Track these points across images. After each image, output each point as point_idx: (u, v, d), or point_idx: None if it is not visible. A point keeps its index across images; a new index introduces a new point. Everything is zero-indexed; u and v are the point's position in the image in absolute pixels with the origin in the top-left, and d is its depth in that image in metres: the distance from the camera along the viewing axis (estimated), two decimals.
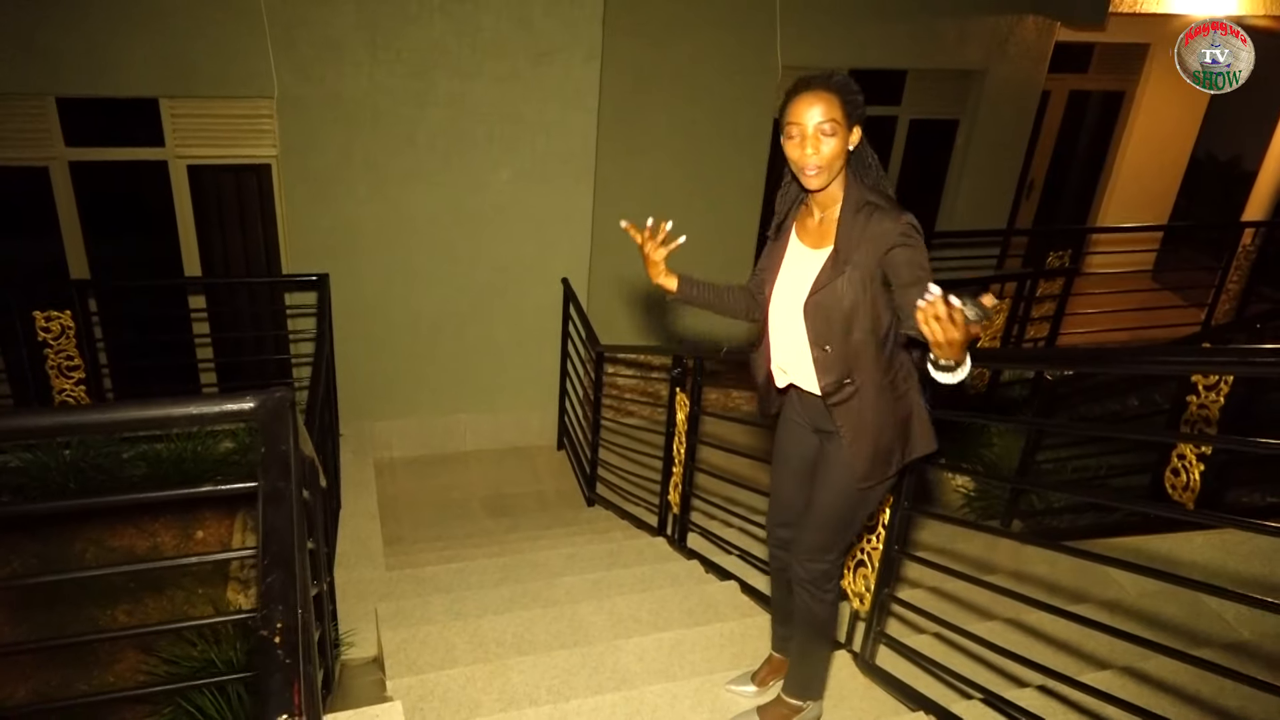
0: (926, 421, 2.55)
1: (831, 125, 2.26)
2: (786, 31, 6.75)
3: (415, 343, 6.44)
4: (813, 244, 2.46)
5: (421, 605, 3.96)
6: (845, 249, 2.34)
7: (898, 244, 2.25)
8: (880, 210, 2.29)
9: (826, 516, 2.60)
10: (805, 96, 2.28)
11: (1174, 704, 2.92)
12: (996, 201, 8.16)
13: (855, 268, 2.32)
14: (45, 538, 4.38)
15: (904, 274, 2.26)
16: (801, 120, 2.28)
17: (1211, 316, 7.87)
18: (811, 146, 2.28)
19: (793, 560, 2.71)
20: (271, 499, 1.63)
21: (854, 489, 2.54)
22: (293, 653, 1.35)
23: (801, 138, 2.28)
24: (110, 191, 5.79)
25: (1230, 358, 3.07)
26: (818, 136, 2.27)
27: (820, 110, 2.25)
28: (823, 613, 2.72)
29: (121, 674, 3.70)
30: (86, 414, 1.81)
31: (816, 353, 2.44)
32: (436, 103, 5.79)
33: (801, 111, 2.27)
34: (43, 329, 5.19)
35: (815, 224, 2.46)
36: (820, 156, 2.28)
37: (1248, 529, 3.81)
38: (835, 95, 2.27)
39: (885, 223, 2.27)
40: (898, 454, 2.53)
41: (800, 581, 2.69)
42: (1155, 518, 4.21)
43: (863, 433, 2.46)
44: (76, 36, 5.13)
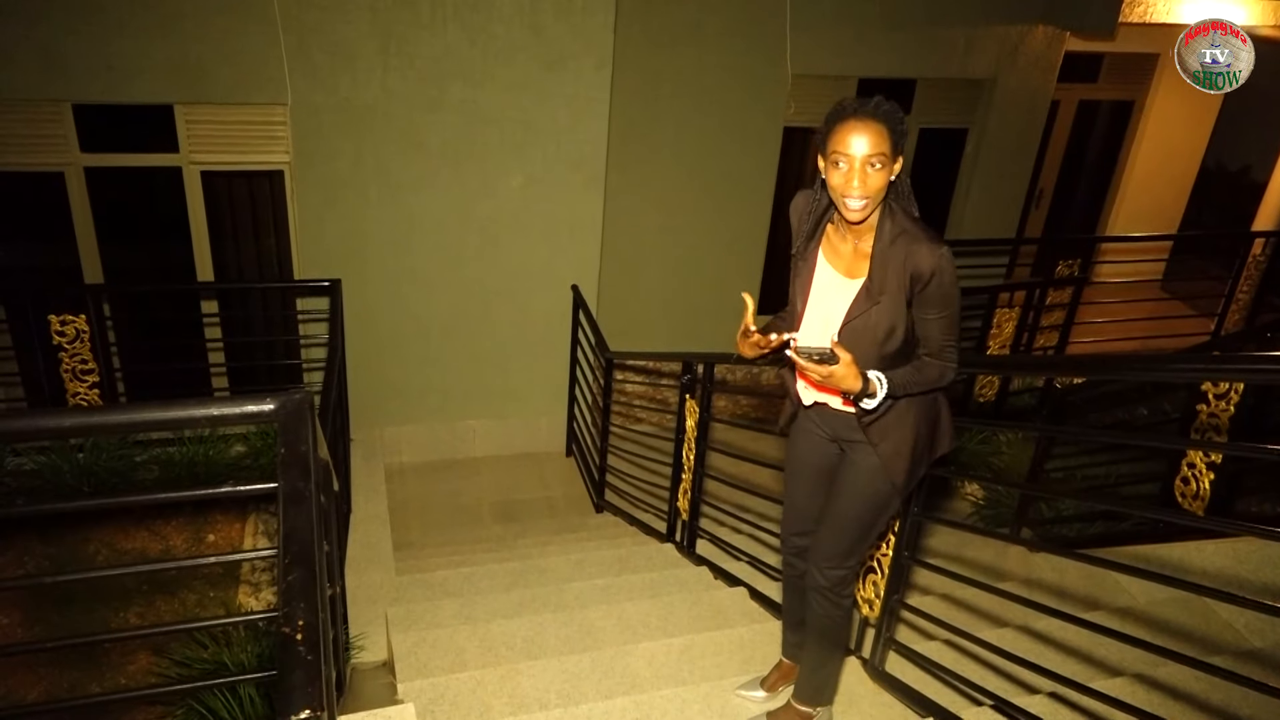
0: (949, 419, 2.58)
1: (881, 159, 2.19)
2: (797, 40, 6.77)
3: (426, 348, 6.47)
4: (845, 270, 2.41)
5: (431, 609, 3.97)
6: (880, 280, 2.31)
7: (929, 278, 2.24)
8: (916, 241, 2.25)
9: (849, 523, 2.61)
10: (854, 125, 2.19)
11: (1185, 711, 2.92)
12: (1006, 210, 8.16)
13: (889, 296, 2.31)
14: (58, 540, 4.41)
15: (929, 310, 2.30)
16: (850, 151, 2.19)
17: (1221, 326, 7.85)
18: (859, 179, 2.20)
19: (811, 567, 2.72)
20: (292, 499, 1.65)
21: (883, 497, 2.55)
22: (314, 649, 1.36)
23: (849, 169, 2.20)
24: (125, 197, 5.83)
25: (1242, 365, 3.07)
26: (865, 170, 2.19)
27: (870, 142, 2.18)
28: (839, 618, 2.73)
29: (133, 675, 3.72)
30: (108, 414, 1.83)
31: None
32: (448, 109, 5.83)
33: (849, 141, 2.19)
34: (58, 333, 5.23)
35: (849, 250, 2.40)
36: (867, 189, 2.21)
37: (1262, 536, 3.81)
38: (884, 126, 2.19)
39: (920, 255, 2.24)
40: (927, 455, 2.56)
41: (818, 588, 2.70)
42: (1165, 527, 4.20)
43: (901, 446, 2.48)
44: (92, 43, 5.18)
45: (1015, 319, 6.68)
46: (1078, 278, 7.05)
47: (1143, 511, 4.50)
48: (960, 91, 7.53)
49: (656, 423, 7.08)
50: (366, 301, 6.11)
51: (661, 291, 7.42)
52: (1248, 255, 7.61)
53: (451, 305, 6.38)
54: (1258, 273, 7.69)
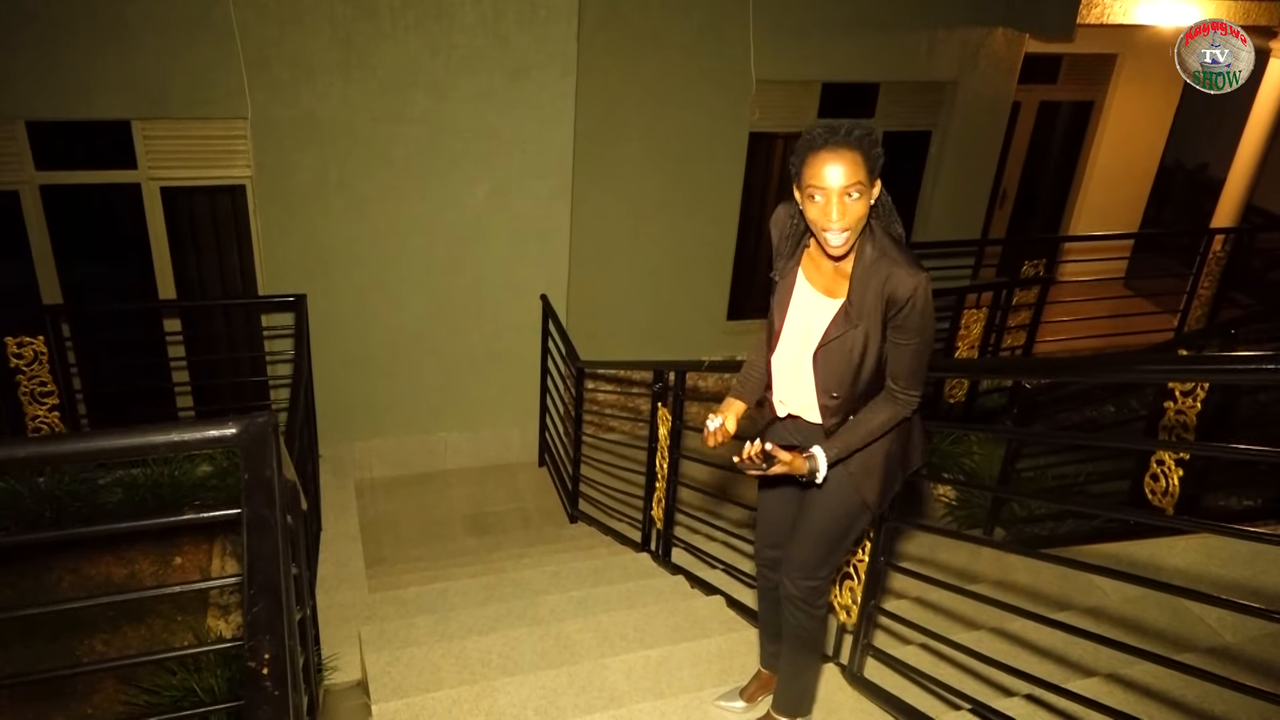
0: (921, 437, 2.58)
1: (858, 188, 2.13)
2: (760, 45, 6.79)
3: (394, 362, 6.41)
4: (824, 289, 2.37)
5: (405, 627, 3.92)
6: (859, 303, 2.28)
7: (905, 304, 2.22)
8: (896, 265, 2.22)
9: (820, 536, 2.60)
10: (826, 156, 2.12)
11: (1159, 709, 2.94)
12: (970, 212, 8.23)
13: (866, 318, 2.28)
14: (20, 569, 4.31)
15: (902, 336, 2.29)
16: (825, 184, 2.13)
17: (1184, 322, 7.96)
18: (837, 212, 2.14)
19: (783, 578, 2.71)
20: (256, 527, 1.61)
21: (854, 511, 2.56)
22: (281, 684, 1.33)
23: (826, 202, 2.14)
24: (83, 215, 5.72)
25: (1207, 365, 3.10)
26: (843, 201, 2.13)
27: (845, 172, 2.11)
28: (813, 628, 2.72)
29: (100, 705, 3.64)
30: (64, 444, 1.78)
31: (824, 399, 2.43)
32: (412, 120, 5.78)
33: (823, 175, 2.12)
34: (15, 355, 5.12)
35: (829, 268, 2.35)
36: (846, 220, 2.15)
37: (1227, 534, 3.85)
38: (858, 153, 2.12)
39: (899, 279, 2.21)
40: (900, 472, 2.57)
41: (791, 599, 2.69)
42: (1136, 523, 4.24)
43: (870, 465, 2.48)
44: (46, 59, 5.08)
45: (983, 320, 6.73)
46: (1043, 277, 7.11)
47: (1112, 512, 4.54)
48: (923, 94, 7.59)
49: (629, 431, 7.06)
50: (333, 316, 6.03)
51: (631, 299, 7.40)
52: (1208, 252, 7.73)
53: (419, 317, 6.33)
54: (1218, 269, 7.81)
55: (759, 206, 7.61)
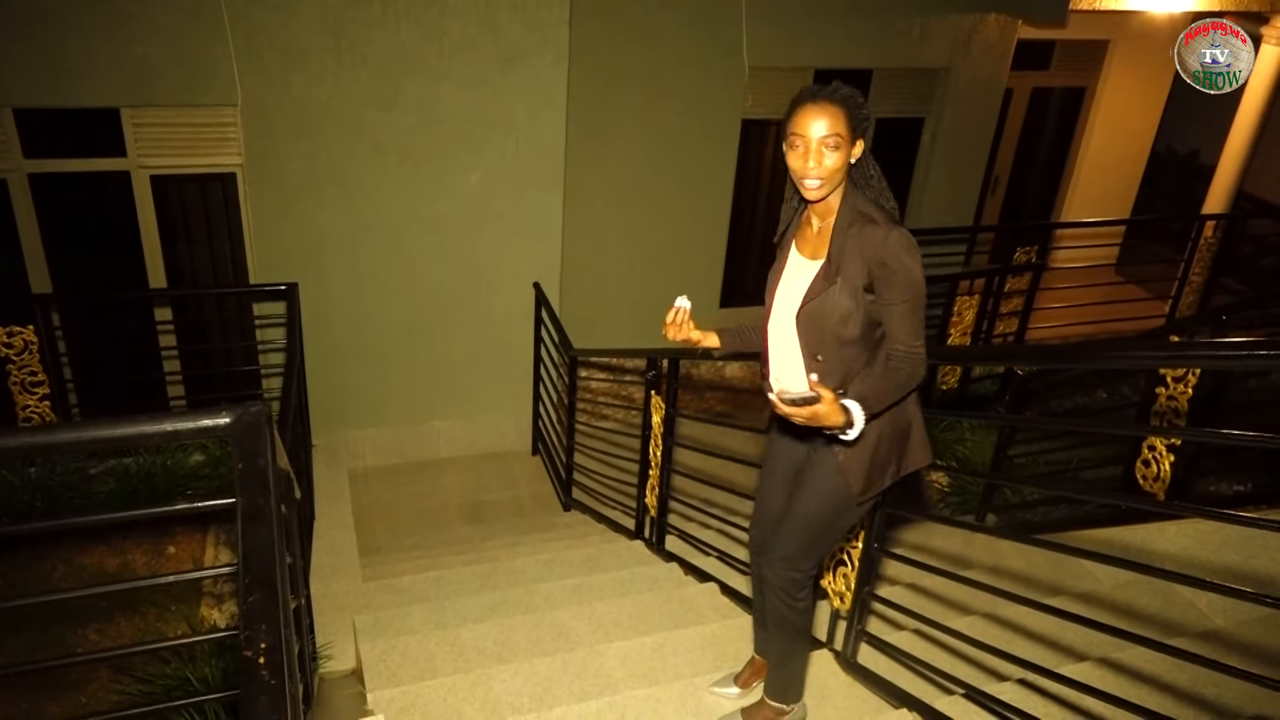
0: (924, 433, 2.56)
1: (835, 139, 2.26)
2: (753, 32, 6.77)
3: (387, 350, 6.39)
4: (810, 254, 2.46)
5: (400, 616, 3.93)
6: (836, 259, 2.35)
7: (885, 260, 2.26)
8: (872, 224, 2.29)
9: (805, 525, 2.60)
10: (810, 108, 2.27)
11: (1151, 693, 2.96)
12: (963, 198, 8.24)
13: (846, 279, 2.33)
14: (12, 558, 4.30)
15: (884, 293, 2.30)
16: (805, 132, 2.27)
17: (1176, 309, 7.99)
18: (814, 159, 2.27)
19: (766, 567, 2.71)
20: (251, 516, 1.61)
21: (839, 501, 2.53)
22: (278, 673, 1.33)
23: (805, 149, 2.28)
24: (72, 203, 5.68)
25: (1198, 352, 3.11)
26: (820, 150, 2.27)
27: (825, 124, 2.25)
28: (796, 619, 2.72)
29: (94, 694, 3.63)
30: (58, 433, 1.77)
31: (810, 362, 2.44)
32: (404, 108, 5.75)
33: (805, 123, 2.27)
34: (4, 344, 5.09)
35: (813, 234, 2.45)
36: (821, 169, 2.28)
37: (1218, 519, 3.87)
38: (841, 109, 2.26)
39: (874, 237, 2.28)
40: (893, 467, 2.53)
41: (772, 587, 2.69)
42: (1128, 509, 4.26)
43: (859, 453, 2.45)
44: (33, 46, 5.03)
45: (975, 306, 6.74)
46: (1036, 264, 7.13)
47: (1103, 497, 4.57)
48: (916, 81, 7.58)
49: (622, 419, 7.06)
50: (325, 304, 6.01)
51: (624, 287, 7.39)
52: (1199, 238, 7.76)
53: (412, 306, 6.31)
54: (1209, 255, 7.84)
55: (752, 193, 7.60)
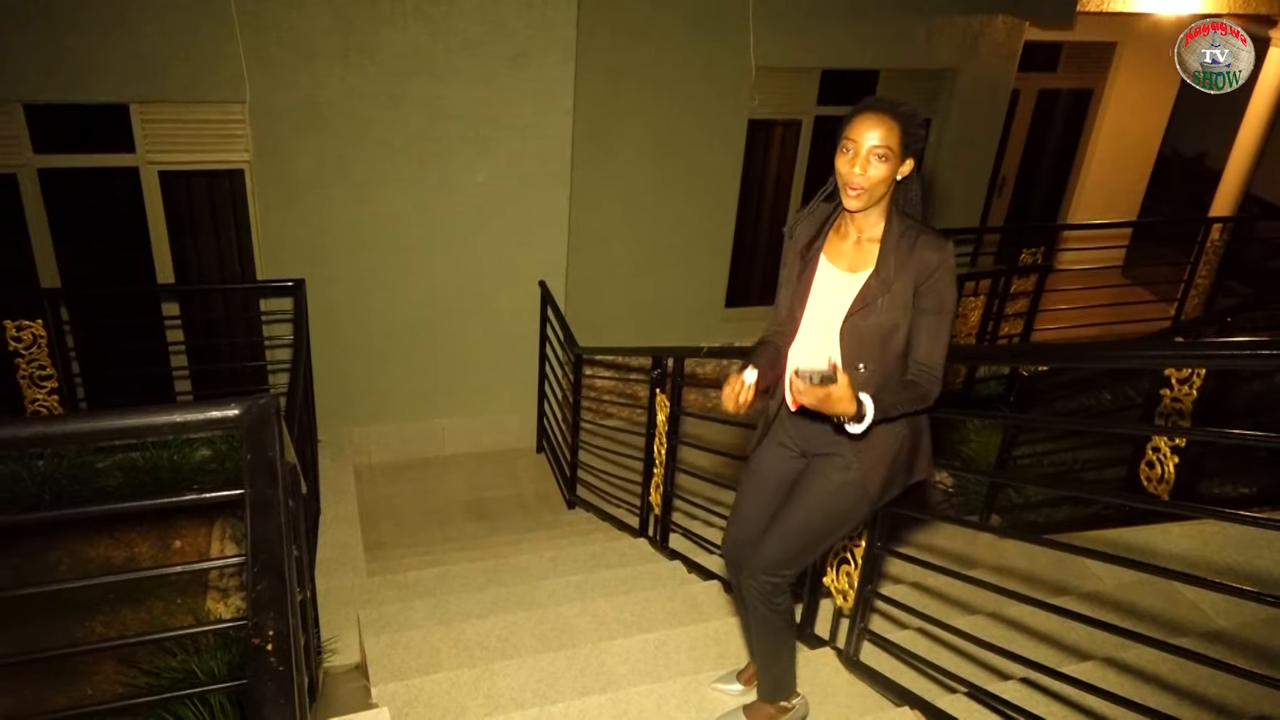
0: (929, 447, 2.58)
1: (886, 151, 2.26)
2: (760, 32, 6.77)
3: (393, 347, 6.41)
4: (848, 267, 2.44)
5: (404, 611, 3.94)
6: (886, 272, 2.35)
7: (933, 281, 2.30)
8: (925, 237, 2.31)
9: (803, 533, 2.59)
10: (868, 117, 2.28)
11: (1154, 693, 2.96)
12: (969, 200, 8.23)
13: (896, 292, 2.34)
14: (19, 550, 4.32)
15: (927, 303, 2.33)
16: (858, 138, 2.27)
17: (1182, 311, 7.98)
18: (860, 166, 2.27)
19: (746, 575, 2.70)
20: (259, 506, 1.62)
21: (848, 507, 2.55)
22: (286, 659, 1.34)
23: (855, 155, 2.28)
24: (81, 198, 5.71)
25: (1203, 351, 3.12)
26: (869, 158, 2.27)
27: (878, 134, 2.25)
28: (777, 621, 2.72)
29: (100, 685, 3.65)
30: (66, 424, 1.79)
31: (851, 373, 2.37)
32: (411, 105, 5.77)
33: (860, 130, 2.27)
34: (14, 338, 5.12)
35: (851, 246, 2.44)
36: (867, 178, 2.27)
37: (1222, 519, 3.86)
38: (897, 123, 2.27)
39: (929, 252, 2.30)
40: (903, 475, 2.55)
41: (751, 594, 2.69)
42: (1131, 510, 4.26)
43: (883, 458, 2.48)
44: (43, 42, 5.06)
45: (981, 307, 6.74)
46: (1041, 265, 7.12)
47: (1107, 497, 4.56)
48: (922, 82, 7.58)
49: (627, 418, 7.07)
50: (331, 301, 6.03)
51: (630, 285, 7.40)
52: (1206, 241, 7.74)
53: (418, 303, 6.33)
54: (1216, 257, 7.83)
55: (757, 193, 7.60)
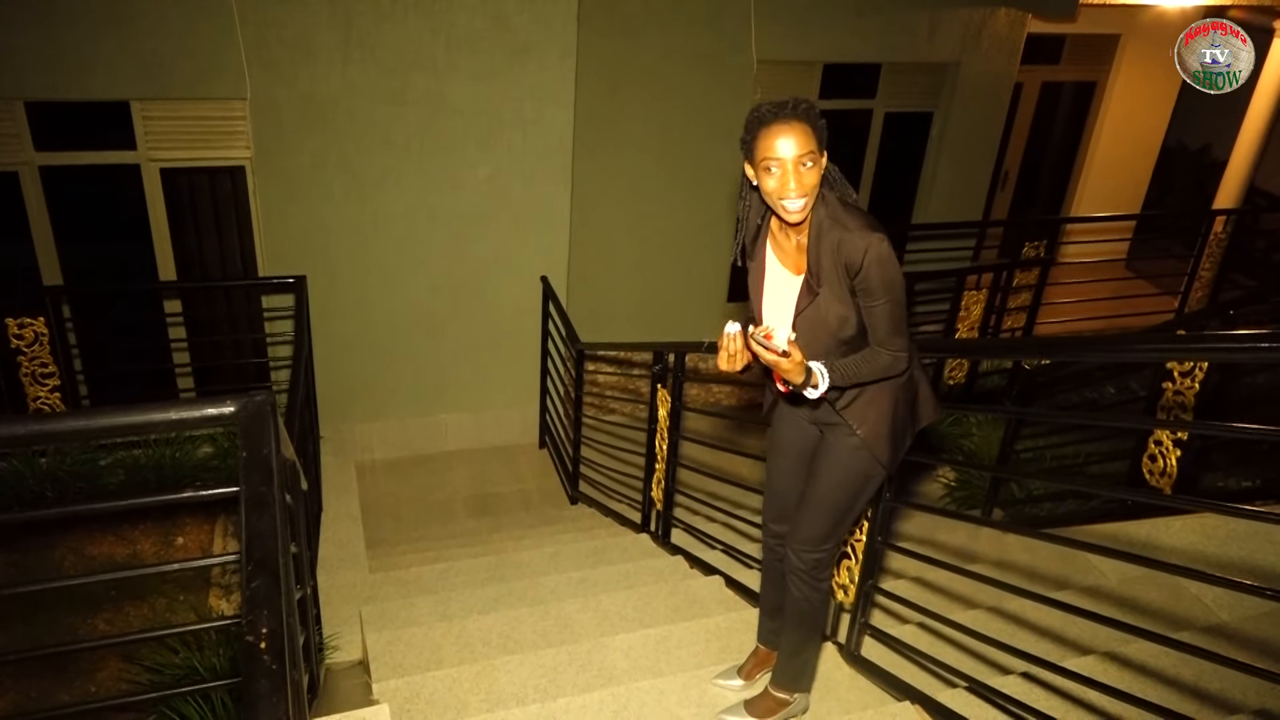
0: (930, 392, 2.61)
1: (811, 157, 2.23)
2: (761, 26, 6.76)
3: (394, 343, 6.41)
4: (792, 267, 2.47)
5: (406, 607, 3.94)
6: (815, 272, 2.37)
7: (859, 266, 2.28)
8: (845, 230, 2.29)
9: (827, 505, 2.63)
10: (779, 128, 2.23)
11: (1155, 687, 2.96)
12: (972, 193, 8.21)
13: (829, 286, 2.36)
14: (23, 547, 4.33)
15: (868, 296, 2.32)
16: (780, 154, 2.23)
17: (1185, 304, 7.95)
18: (795, 180, 2.24)
19: (789, 551, 2.73)
20: (254, 504, 1.62)
21: (864, 476, 2.59)
22: (279, 658, 1.34)
23: (783, 172, 2.24)
24: (82, 195, 5.71)
25: (1205, 344, 3.10)
26: (799, 170, 2.24)
27: (797, 143, 2.22)
28: (818, 602, 2.75)
29: (103, 682, 3.67)
30: (64, 421, 1.79)
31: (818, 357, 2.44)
32: (412, 101, 5.76)
33: (777, 146, 2.23)
34: (15, 336, 5.12)
35: (792, 246, 2.45)
36: (803, 188, 2.25)
37: (1225, 513, 3.86)
38: (807, 124, 2.24)
39: (850, 244, 2.28)
40: (910, 430, 2.59)
41: (795, 571, 2.72)
42: (1134, 504, 4.25)
43: (879, 427, 2.51)
44: (44, 39, 5.06)
45: (983, 301, 6.72)
46: (1044, 259, 7.10)
47: (1109, 491, 4.55)
48: (925, 75, 7.55)
49: (629, 413, 7.07)
50: (333, 297, 6.03)
51: (631, 281, 7.40)
52: (1209, 234, 7.72)
53: (420, 299, 6.32)
54: (1219, 250, 7.80)
55: None
